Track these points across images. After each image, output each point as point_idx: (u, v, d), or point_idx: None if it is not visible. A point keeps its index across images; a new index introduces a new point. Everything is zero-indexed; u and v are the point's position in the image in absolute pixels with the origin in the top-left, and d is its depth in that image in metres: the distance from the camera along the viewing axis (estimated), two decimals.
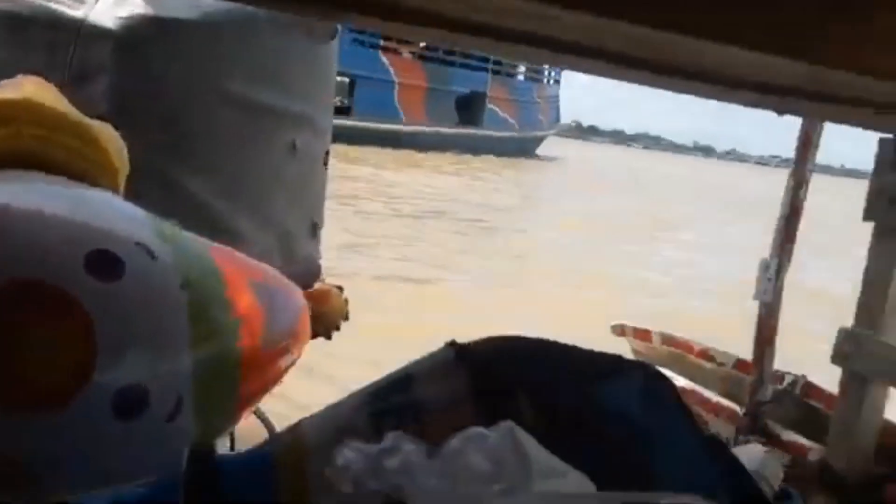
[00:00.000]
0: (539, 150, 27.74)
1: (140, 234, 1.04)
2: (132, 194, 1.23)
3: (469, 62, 23.30)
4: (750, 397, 2.12)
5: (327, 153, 3.12)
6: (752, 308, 2.16)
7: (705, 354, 2.52)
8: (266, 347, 1.15)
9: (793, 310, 2.17)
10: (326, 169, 3.18)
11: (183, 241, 1.13)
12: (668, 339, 2.69)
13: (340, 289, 1.91)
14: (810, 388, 2.13)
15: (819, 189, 2.80)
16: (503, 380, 0.76)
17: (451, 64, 22.98)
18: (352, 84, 19.14)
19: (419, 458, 0.65)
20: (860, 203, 1.71)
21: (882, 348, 1.68)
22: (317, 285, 1.91)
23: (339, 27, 2.97)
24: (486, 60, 23.27)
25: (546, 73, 26.90)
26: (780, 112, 1.64)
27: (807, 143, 1.94)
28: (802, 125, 1.95)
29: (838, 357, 1.74)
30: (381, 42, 20.59)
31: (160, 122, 2.20)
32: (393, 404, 0.75)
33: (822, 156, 1.99)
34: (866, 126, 1.67)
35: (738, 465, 0.85)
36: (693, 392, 2.49)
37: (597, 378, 0.79)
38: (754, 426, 2.12)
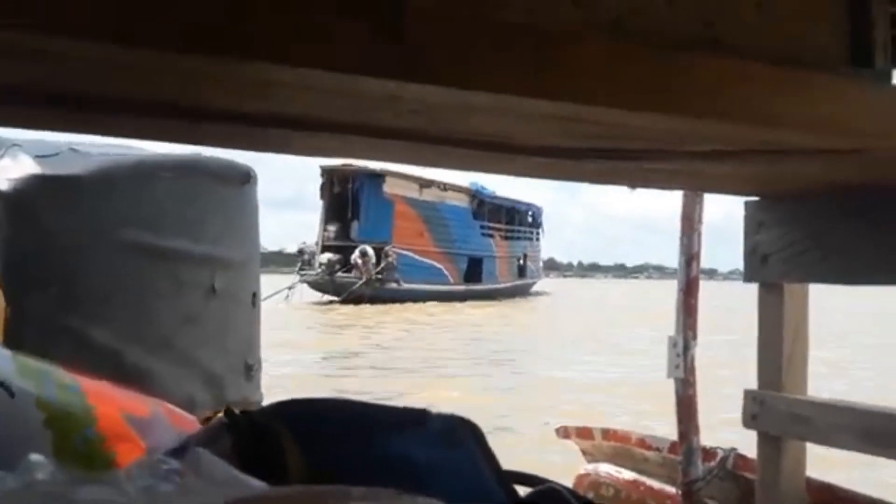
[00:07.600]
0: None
1: None
2: (40, 352, 1.23)
3: (520, 235, 33.91)
4: (682, 478, 2.10)
5: (255, 294, 3.12)
6: None
7: (643, 443, 2.50)
8: None
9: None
10: (256, 309, 3.17)
11: (48, 378, 1.13)
12: (607, 434, 2.67)
13: None
14: (742, 461, 2.12)
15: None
16: (268, 440, 0.81)
17: (514, 238, 33.15)
18: (480, 261, 28.99)
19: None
20: None
21: (787, 404, 1.69)
22: None
23: (252, 174, 3.05)
24: (527, 233, 34.67)
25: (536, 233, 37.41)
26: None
27: (689, 215, 2.01)
28: (683, 199, 2.03)
29: (748, 420, 1.75)
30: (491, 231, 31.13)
31: (57, 277, 2.23)
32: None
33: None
34: (732, 192, 1.75)
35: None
36: (636, 482, 2.46)
37: (385, 429, 0.85)
38: None
